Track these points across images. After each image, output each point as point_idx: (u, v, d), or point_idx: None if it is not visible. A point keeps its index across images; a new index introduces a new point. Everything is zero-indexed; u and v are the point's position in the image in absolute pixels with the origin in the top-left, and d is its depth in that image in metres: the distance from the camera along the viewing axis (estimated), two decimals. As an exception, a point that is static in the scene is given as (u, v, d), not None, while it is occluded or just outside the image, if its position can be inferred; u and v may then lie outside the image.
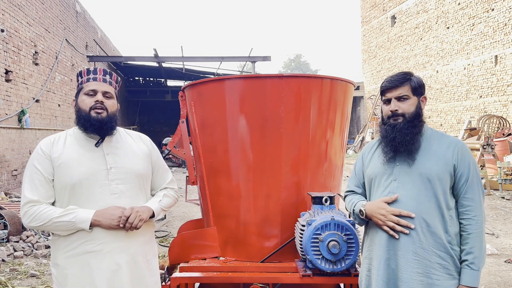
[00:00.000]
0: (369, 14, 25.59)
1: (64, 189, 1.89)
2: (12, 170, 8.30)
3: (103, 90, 1.96)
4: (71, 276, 1.88)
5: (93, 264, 1.87)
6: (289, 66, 61.66)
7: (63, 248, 1.90)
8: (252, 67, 17.38)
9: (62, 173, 1.89)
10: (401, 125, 1.92)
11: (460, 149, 1.89)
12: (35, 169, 1.90)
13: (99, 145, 1.96)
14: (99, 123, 1.91)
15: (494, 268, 4.79)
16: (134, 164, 2.01)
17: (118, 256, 1.91)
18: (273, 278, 2.51)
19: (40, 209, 1.85)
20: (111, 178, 1.93)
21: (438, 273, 1.84)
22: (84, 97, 1.95)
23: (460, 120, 17.41)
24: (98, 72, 1.99)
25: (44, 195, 1.88)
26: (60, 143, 1.95)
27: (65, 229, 1.86)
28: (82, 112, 1.94)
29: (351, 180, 2.20)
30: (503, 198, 9.21)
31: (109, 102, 1.97)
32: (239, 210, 2.74)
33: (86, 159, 1.92)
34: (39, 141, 8.73)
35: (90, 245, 1.87)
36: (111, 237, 1.90)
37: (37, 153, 1.93)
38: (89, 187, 1.90)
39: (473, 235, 1.83)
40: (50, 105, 10.69)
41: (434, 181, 1.86)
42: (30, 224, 1.87)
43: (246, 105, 2.68)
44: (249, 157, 2.70)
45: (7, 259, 5.27)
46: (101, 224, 1.86)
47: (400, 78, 1.94)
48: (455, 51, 17.56)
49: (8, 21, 8.38)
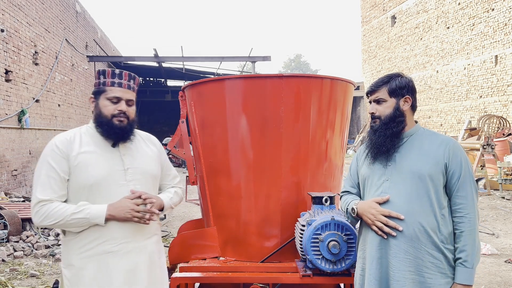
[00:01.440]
0: (369, 14, 25.58)
1: (82, 189, 1.87)
2: (12, 170, 8.30)
3: (127, 98, 1.96)
4: (87, 277, 1.86)
5: (112, 264, 1.86)
6: (289, 66, 61.66)
7: (78, 249, 1.88)
8: (252, 67, 17.38)
9: (80, 173, 1.87)
10: (377, 127, 1.99)
11: (452, 147, 1.90)
12: (50, 167, 1.86)
13: (115, 146, 1.97)
14: (121, 131, 1.93)
15: (494, 268, 4.79)
16: (148, 165, 2.03)
17: (137, 257, 1.91)
18: (273, 278, 2.51)
19: (52, 207, 1.83)
20: (129, 178, 1.94)
21: (430, 272, 1.84)
22: (106, 102, 1.94)
23: (460, 120, 17.41)
24: (124, 76, 1.97)
25: (57, 194, 1.86)
26: (77, 142, 1.93)
27: (79, 226, 1.85)
28: (104, 118, 1.93)
29: (346, 181, 2.23)
30: (503, 198, 9.20)
31: (131, 109, 1.98)
32: (239, 210, 2.74)
33: (103, 159, 1.91)
34: (39, 141, 8.64)
35: (109, 245, 1.87)
36: (130, 237, 1.90)
37: (52, 151, 1.89)
38: (107, 188, 1.89)
39: (466, 233, 1.83)
40: (50, 105, 10.69)
41: (426, 180, 1.87)
42: (42, 223, 1.85)
43: (246, 105, 2.68)
44: (249, 157, 2.70)
45: (7, 259, 5.27)
46: (116, 217, 1.85)
47: (379, 82, 2.02)
48: (455, 51, 17.56)
49: (8, 21, 8.38)
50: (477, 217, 1.88)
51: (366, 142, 2.07)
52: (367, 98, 2.09)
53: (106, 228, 1.87)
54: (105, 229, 1.87)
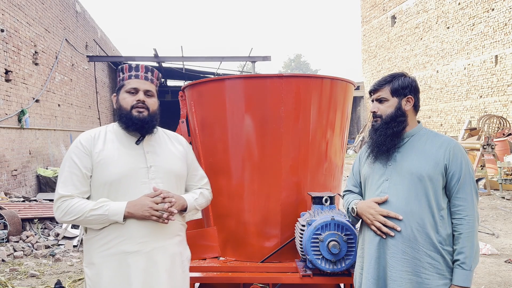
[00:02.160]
0: (369, 14, 25.58)
1: (103, 186, 1.87)
2: (12, 170, 8.30)
3: (144, 89, 1.95)
4: (106, 276, 1.84)
5: (131, 264, 1.84)
6: (289, 66, 61.65)
7: (99, 247, 1.87)
8: (252, 67, 17.38)
9: (102, 169, 1.86)
10: (378, 126, 1.99)
11: (452, 148, 1.89)
12: (73, 163, 1.87)
13: (139, 143, 1.95)
14: (141, 122, 1.90)
15: (494, 268, 4.79)
16: (172, 164, 2.00)
17: (157, 257, 1.88)
18: (273, 278, 2.51)
19: (72, 203, 1.82)
20: (151, 176, 1.92)
21: (428, 273, 1.84)
22: (125, 95, 1.94)
23: (460, 120, 17.41)
24: (140, 69, 1.98)
25: (78, 190, 1.85)
26: (101, 139, 1.93)
27: (98, 223, 1.83)
28: (124, 111, 1.92)
29: (349, 180, 2.23)
30: (503, 198, 9.20)
31: (150, 100, 1.96)
32: (239, 210, 2.74)
33: (126, 156, 1.90)
34: (39, 141, 8.62)
35: (128, 245, 1.84)
36: (149, 237, 1.87)
37: (76, 147, 1.90)
38: (129, 185, 1.87)
39: (464, 235, 1.83)
40: (50, 105, 10.69)
41: (425, 181, 1.87)
42: (63, 219, 1.85)
43: (246, 105, 2.68)
44: (249, 157, 2.70)
45: (7, 259, 5.27)
46: (134, 215, 1.83)
47: (381, 81, 2.02)
48: (455, 51, 17.55)
49: (8, 21, 8.38)
50: (477, 219, 1.87)
51: (367, 141, 2.07)
52: (370, 96, 2.09)
53: (125, 226, 1.85)
54: (124, 228, 1.85)
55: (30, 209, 6.60)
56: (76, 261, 5.32)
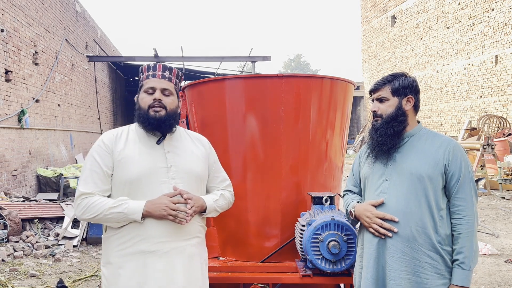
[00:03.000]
0: (369, 14, 25.58)
1: (123, 185, 1.87)
2: (12, 170, 8.30)
3: (161, 87, 1.93)
4: (124, 276, 1.84)
5: (149, 264, 1.83)
6: (289, 66, 61.65)
7: (117, 246, 1.87)
8: (252, 67, 17.37)
9: (122, 168, 1.87)
10: (378, 125, 1.99)
11: (452, 149, 1.89)
12: (95, 162, 1.88)
13: (160, 142, 1.95)
14: (157, 121, 1.89)
15: (494, 268, 4.79)
16: (192, 165, 1.99)
17: (175, 258, 1.87)
18: (273, 278, 2.51)
19: (92, 201, 1.82)
20: (171, 176, 1.91)
21: (427, 272, 1.85)
22: (143, 95, 1.94)
23: (460, 120, 17.41)
24: (158, 68, 1.97)
25: (99, 188, 1.86)
26: (123, 138, 1.94)
27: (117, 221, 1.83)
28: (142, 111, 1.92)
29: (349, 180, 2.23)
30: (503, 198, 9.20)
31: (168, 99, 1.94)
32: (239, 210, 2.74)
33: (146, 156, 1.91)
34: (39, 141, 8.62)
35: (146, 244, 1.84)
36: (167, 237, 1.86)
37: (98, 146, 1.91)
38: (148, 184, 1.87)
39: (463, 235, 1.83)
40: (50, 105, 10.69)
41: (424, 181, 1.87)
42: (83, 216, 1.85)
43: (246, 105, 2.68)
44: (249, 157, 2.70)
45: (7, 259, 5.27)
46: (152, 214, 1.82)
47: (382, 80, 2.02)
48: (455, 51, 17.55)
49: (8, 21, 8.38)
50: (476, 219, 1.88)
51: (368, 141, 2.07)
52: (370, 96, 2.09)
53: (143, 225, 1.84)
54: (142, 227, 1.84)
55: (30, 209, 6.60)
56: (76, 261, 5.32)
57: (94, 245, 6.02)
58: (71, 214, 6.53)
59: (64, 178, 9.00)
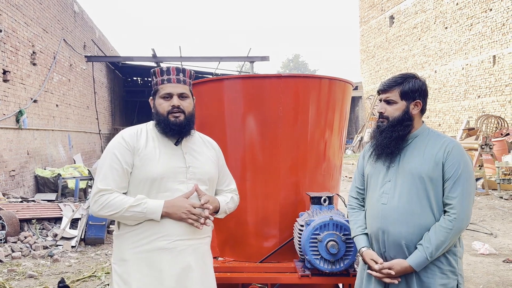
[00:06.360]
0: (367, 14, 25.61)
1: (144, 183, 1.88)
2: (10, 170, 8.28)
3: (178, 92, 1.95)
4: (139, 273, 1.84)
5: (165, 261, 1.85)
6: (287, 66, 61.66)
7: (133, 243, 1.87)
8: (251, 67, 17.37)
9: (142, 167, 1.88)
10: (383, 127, 1.97)
11: (451, 148, 1.89)
12: (115, 158, 1.88)
13: (178, 144, 1.97)
14: (178, 127, 1.92)
15: (492, 268, 4.80)
16: (207, 167, 2.03)
17: (190, 256, 1.89)
18: (271, 278, 2.50)
19: (111, 198, 1.83)
20: (189, 176, 1.94)
21: (430, 271, 1.86)
22: (160, 100, 1.96)
23: (458, 120, 17.44)
24: (172, 72, 1.98)
25: (118, 185, 1.87)
26: (143, 136, 1.96)
27: (135, 219, 1.85)
28: (161, 116, 1.94)
29: (355, 179, 2.20)
30: (501, 198, 9.22)
31: (185, 103, 1.97)
32: (238, 210, 2.72)
33: (166, 155, 1.93)
34: (36, 142, 8.59)
35: (164, 242, 1.85)
36: (184, 235, 1.89)
37: (118, 143, 1.92)
38: (168, 183, 1.89)
39: (440, 228, 1.82)
40: (48, 105, 10.66)
41: (426, 182, 1.87)
42: (100, 213, 1.85)
43: (245, 105, 2.68)
44: (248, 157, 2.70)
45: (5, 260, 5.25)
46: (171, 216, 1.85)
47: (391, 82, 1.97)
48: (453, 51, 17.59)
49: (5, 21, 8.36)
50: (466, 221, 1.84)
51: (371, 141, 2.06)
52: (378, 94, 2.06)
53: (161, 224, 1.86)
54: (160, 225, 1.86)
55: (28, 210, 6.58)
56: (74, 262, 5.31)
57: (93, 245, 6.01)
58: (69, 215, 6.52)
59: (62, 178, 8.98)
